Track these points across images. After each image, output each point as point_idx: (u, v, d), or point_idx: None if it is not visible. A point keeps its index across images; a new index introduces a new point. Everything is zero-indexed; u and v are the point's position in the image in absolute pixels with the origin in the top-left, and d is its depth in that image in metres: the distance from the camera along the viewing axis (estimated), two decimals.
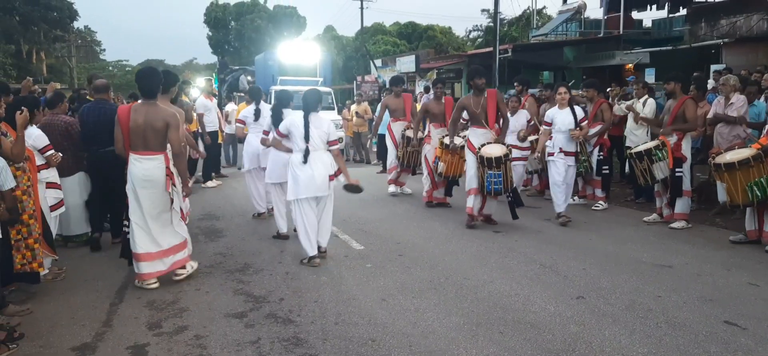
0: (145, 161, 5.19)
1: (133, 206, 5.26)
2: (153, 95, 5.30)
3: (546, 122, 8.10)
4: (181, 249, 5.49)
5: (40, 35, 44.26)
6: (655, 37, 23.12)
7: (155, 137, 5.19)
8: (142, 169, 5.18)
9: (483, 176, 7.23)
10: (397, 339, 4.08)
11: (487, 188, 7.20)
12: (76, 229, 6.72)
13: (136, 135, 5.16)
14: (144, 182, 5.20)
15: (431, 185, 9.04)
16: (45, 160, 5.64)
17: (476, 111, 7.42)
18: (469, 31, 46.33)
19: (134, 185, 5.20)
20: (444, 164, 8.42)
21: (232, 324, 4.42)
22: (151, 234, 5.26)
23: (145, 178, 5.19)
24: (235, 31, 50.38)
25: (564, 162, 7.81)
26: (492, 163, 7.12)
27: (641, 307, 4.65)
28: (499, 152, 7.18)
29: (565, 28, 26.91)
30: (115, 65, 58.87)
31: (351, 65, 41.03)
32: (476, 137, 7.42)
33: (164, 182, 5.22)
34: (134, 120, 5.14)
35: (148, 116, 5.16)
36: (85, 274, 5.75)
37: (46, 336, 4.28)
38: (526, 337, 4.10)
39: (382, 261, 6.05)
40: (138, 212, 5.24)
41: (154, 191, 5.23)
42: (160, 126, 5.18)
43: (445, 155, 8.39)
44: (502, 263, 5.91)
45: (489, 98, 7.42)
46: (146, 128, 5.15)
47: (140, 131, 5.15)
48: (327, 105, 16.06)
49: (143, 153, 5.19)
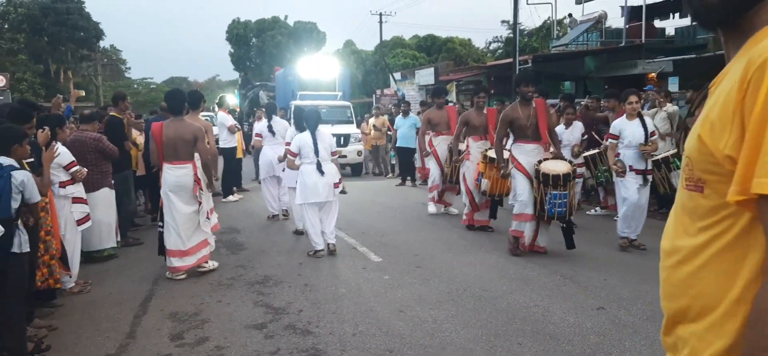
0: (176, 169, 6.01)
1: (166, 209, 6.05)
2: (180, 112, 6.19)
3: (613, 134, 6.91)
4: (204, 246, 6.25)
5: (68, 55, 45.27)
6: (678, 45, 22.87)
7: (185, 148, 6.03)
8: (174, 177, 6.00)
9: (542, 197, 6.29)
10: (415, 351, 4.10)
11: (549, 211, 6.26)
12: (99, 244, 6.84)
13: (168, 147, 6.00)
14: (176, 188, 6.02)
15: (471, 207, 8.12)
16: (70, 176, 5.77)
17: (525, 124, 6.53)
18: (488, 42, 46.30)
19: (167, 190, 6.01)
20: (489, 181, 7.57)
21: (253, 335, 4.48)
22: (180, 234, 6.04)
23: (176, 184, 6.02)
24: (256, 48, 51.05)
25: (635, 181, 6.74)
26: (557, 181, 6.21)
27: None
28: (563, 168, 6.32)
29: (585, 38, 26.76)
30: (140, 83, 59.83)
31: (370, 79, 41.23)
32: (525, 153, 6.53)
33: (193, 187, 6.04)
34: (166, 134, 5.99)
35: (178, 130, 6.02)
36: (109, 287, 5.87)
37: (72, 347, 4.37)
38: (545, 349, 4.09)
39: (400, 273, 6.08)
40: (170, 214, 6.04)
41: (184, 196, 6.04)
42: (189, 138, 6.03)
43: (489, 170, 7.53)
44: (521, 275, 5.89)
45: (538, 109, 6.57)
46: (177, 140, 5.99)
47: (171, 144, 5.98)
48: (346, 119, 16.14)
49: (175, 163, 6.01)
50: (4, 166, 4.01)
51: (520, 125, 6.58)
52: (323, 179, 6.79)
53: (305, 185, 6.85)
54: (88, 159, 6.44)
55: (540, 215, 6.39)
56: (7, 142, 4.16)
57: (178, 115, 6.16)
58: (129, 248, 7.48)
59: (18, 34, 40.87)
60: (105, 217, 6.80)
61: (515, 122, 6.60)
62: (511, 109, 6.71)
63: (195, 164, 6.09)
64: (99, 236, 6.77)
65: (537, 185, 6.31)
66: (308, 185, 6.82)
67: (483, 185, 7.64)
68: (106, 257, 6.86)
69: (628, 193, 6.71)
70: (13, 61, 37.32)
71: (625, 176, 6.72)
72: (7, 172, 3.95)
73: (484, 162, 7.66)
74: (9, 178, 3.93)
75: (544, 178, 6.24)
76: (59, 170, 5.66)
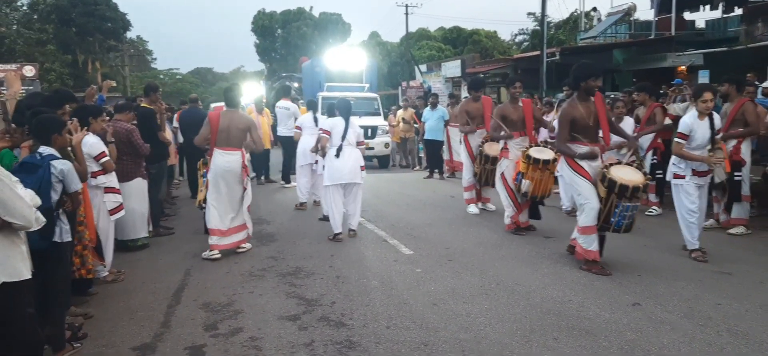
0: (227, 155, 6.54)
1: (212, 190, 6.56)
2: (236, 104, 6.83)
3: (682, 133, 6.13)
4: (243, 230, 6.79)
5: (95, 45, 45.83)
6: (709, 38, 22.44)
7: (237, 136, 6.60)
8: (225, 161, 6.52)
9: (611, 208, 5.63)
10: (449, 345, 4.08)
11: (617, 224, 5.66)
12: (133, 233, 6.91)
13: (222, 134, 6.53)
14: (224, 172, 6.53)
15: (515, 209, 7.48)
16: (100, 166, 5.80)
17: (588, 123, 5.79)
18: (514, 35, 45.93)
19: (216, 173, 6.52)
20: (530, 182, 7.01)
21: (286, 327, 4.49)
22: (222, 215, 6.56)
23: (225, 169, 6.52)
24: (281, 39, 51.15)
25: (696, 185, 6.21)
26: (635, 193, 5.53)
27: (700, 315, 4.53)
28: (639, 179, 5.62)
29: (614, 31, 26.39)
30: (166, 74, 60.46)
31: (396, 71, 41.10)
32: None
33: (241, 173, 6.61)
34: (222, 122, 6.54)
35: (233, 120, 6.61)
36: (142, 277, 5.93)
37: (108, 335, 4.43)
38: (581, 344, 4.04)
39: (432, 266, 6.05)
40: (215, 195, 6.55)
41: (230, 180, 6.57)
42: (243, 127, 6.65)
43: (532, 171, 6.98)
44: (554, 269, 5.83)
45: (598, 105, 5.88)
46: (231, 128, 6.55)
47: (225, 131, 6.53)
48: (373, 111, 16.11)
49: (226, 149, 6.54)
50: (44, 155, 4.05)
51: (582, 125, 5.78)
52: (348, 162, 7.25)
53: (331, 167, 7.30)
54: (121, 149, 6.50)
55: (603, 227, 5.76)
56: (47, 131, 4.18)
57: (234, 106, 6.78)
58: (160, 238, 7.56)
59: (47, 25, 41.48)
60: (139, 206, 6.87)
61: (578, 120, 5.77)
62: (571, 105, 5.86)
63: (243, 153, 6.68)
64: (133, 225, 6.85)
65: (606, 194, 5.60)
66: (334, 167, 7.26)
67: (524, 187, 7.06)
68: (139, 247, 6.94)
69: (690, 200, 6.15)
70: (42, 52, 37.86)
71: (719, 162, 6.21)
72: (47, 162, 3.98)
73: (526, 162, 7.01)
74: (49, 168, 3.96)
75: (621, 189, 5.50)
76: (90, 160, 5.70)
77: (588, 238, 5.71)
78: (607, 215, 5.65)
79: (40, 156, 4.04)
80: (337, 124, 7.33)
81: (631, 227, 5.79)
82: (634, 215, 5.69)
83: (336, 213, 7.31)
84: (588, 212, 5.67)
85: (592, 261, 5.72)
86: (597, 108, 5.84)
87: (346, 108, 7.41)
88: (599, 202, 5.65)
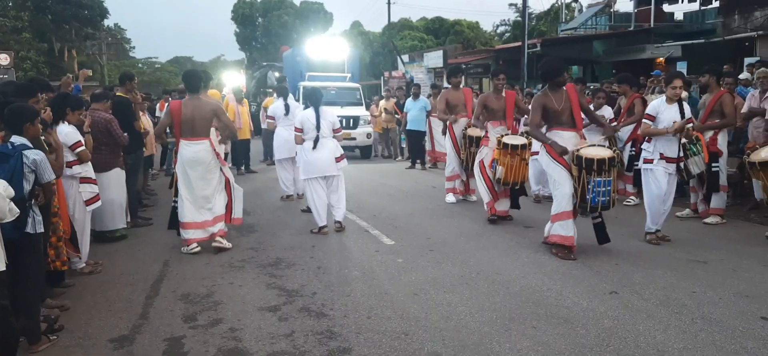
0: (193, 145, 6.25)
1: (182, 183, 6.30)
2: (198, 90, 6.42)
3: (649, 115, 6.48)
4: (219, 221, 6.42)
5: (72, 33, 45.06)
6: (687, 30, 22.73)
7: (202, 125, 6.28)
8: (192, 152, 6.25)
9: (585, 186, 5.76)
10: (430, 333, 4.10)
11: (592, 201, 5.76)
12: (111, 224, 6.83)
13: (186, 124, 6.23)
14: (192, 163, 6.26)
15: (491, 196, 7.53)
16: (76, 156, 5.71)
17: (559, 109, 5.98)
18: (496, 26, 46.06)
19: (185, 166, 6.26)
20: (503, 168, 7.16)
21: (266, 318, 4.47)
22: (195, 207, 6.29)
23: (193, 160, 6.25)
24: (262, 28, 50.77)
25: (665, 171, 6.38)
26: (601, 166, 5.68)
27: (676, 303, 4.60)
28: (606, 152, 5.82)
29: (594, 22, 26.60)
30: (145, 62, 59.73)
31: (378, 61, 41.03)
32: (562, 142, 5.92)
33: (209, 162, 6.31)
34: (185, 112, 6.21)
35: (197, 108, 6.26)
36: (120, 268, 5.87)
37: (85, 328, 4.38)
38: (559, 332, 4.08)
39: (413, 256, 6.07)
40: (185, 188, 6.29)
41: (200, 170, 6.27)
42: (207, 115, 6.30)
43: (504, 156, 7.14)
44: (534, 259, 5.88)
45: (570, 94, 6.08)
46: (195, 117, 6.23)
47: (189, 121, 6.22)
48: (355, 101, 16.06)
49: (191, 139, 6.25)
50: (15, 145, 3.97)
51: (554, 112, 5.98)
52: (322, 154, 7.10)
53: (306, 161, 7.19)
54: (99, 139, 6.41)
55: (581, 207, 5.92)
56: (19, 120, 4.10)
57: (195, 93, 6.39)
58: (138, 229, 7.49)
59: (22, 13, 40.64)
60: (117, 197, 6.79)
61: (548, 107, 5.97)
62: (542, 95, 6.09)
63: (212, 141, 6.38)
64: (111, 216, 6.76)
65: (578, 173, 5.77)
66: (308, 160, 7.15)
67: (498, 172, 7.21)
68: (117, 238, 6.86)
69: (657, 184, 6.33)
70: (17, 40, 37.15)
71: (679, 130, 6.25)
72: (18, 151, 3.91)
73: (498, 148, 7.22)
74: (20, 157, 3.88)
75: (588, 163, 5.68)
76: (65, 150, 5.61)
77: (564, 224, 5.84)
78: (582, 193, 5.80)
79: (12, 146, 3.96)
80: (309, 117, 7.15)
81: (609, 205, 5.86)
82: (609, 190, 5.77)
83: (319, 206, 7.16)
84: (560, 198, 5.85)
85: (565, 248, 5.86)
86: (569, 96, 6.05)
87: (315, 98, 7.25)
88: (572, 187, 5.81)
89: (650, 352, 3.75)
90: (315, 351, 3.86)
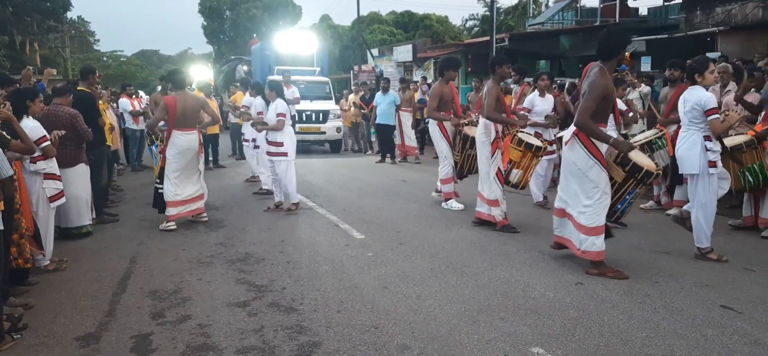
0: (186, 135, 7.12)
1: (171, 166, 7.08)
2: (184, 87, 7.40)
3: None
4: (200, 200, 7.43)
5: (34, 26, 43.84)
6: (651, 25, 23.10)
7: (193, 117, 7.22)
8: (185, 141, 7.11)
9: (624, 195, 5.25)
10: (399, 326, 4.13)
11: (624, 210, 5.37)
12: (76, 220, 6.71)
13: (180, 117, 7.05)
14: (185, 150, 7.12)
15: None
16: (41, 151, 5.60)
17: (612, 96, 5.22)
18: (465, 20, 46.30)
19: (176, 151, 7.07)
20: (520, 171, 6.77)
21: (235, 313, 4.45)
22: (179, 186, 7.14)
23: (187, 147, 7.12)
24: (230, 21, 50.08)
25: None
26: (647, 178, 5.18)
27: (639, 292, 4.71)
28: (651, 164, 5.36)
29: (561, 17, 26.91)
30: (110, 56, 58.41)
31: (348, 55, 40.86)
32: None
33: (197, 150, 7.28)
34: (179, 106, 7.03)
35: (187, 102, 7.18)
36: (86, 265, 5.77)
37: (49, 326, 4.30)
38: (526, 322, 4.15)
39: (383, 250, 6.09)
40: (175, 171, 7.09)
41: (188, 156, 7.19)
42: (196, 108, 7.28)
43: (524, 158, 6.75)
44: (502, 251, 5.95)
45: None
46: (187, 110, 7.10)
47: (182, 114, 7.07)
48: (324, 95, 16.02)
49: (184, 130, 7.10)
50: None
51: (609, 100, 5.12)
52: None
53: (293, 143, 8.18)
54: (64, 135, 6.27)
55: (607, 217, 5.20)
56: None
57: (182, 89, 7.35)
58: (104, 226, 7.37)
59: None
60: (82, 193, 6.67)
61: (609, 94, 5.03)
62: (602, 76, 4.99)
63: (199, 131, 7.38)
64: (77, 212, 6.65)
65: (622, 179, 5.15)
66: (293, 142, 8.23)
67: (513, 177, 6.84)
68: (83, 235, 6.74)
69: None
70: None
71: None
72: None
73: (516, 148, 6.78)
74: None
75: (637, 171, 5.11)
76: None
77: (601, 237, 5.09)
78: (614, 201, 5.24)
79: None
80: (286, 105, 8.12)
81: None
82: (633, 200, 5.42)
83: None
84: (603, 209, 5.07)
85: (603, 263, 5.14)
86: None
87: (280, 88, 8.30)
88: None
89: (614, 341, 3.84)
90: (284, 346, 3.86)
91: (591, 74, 5.03)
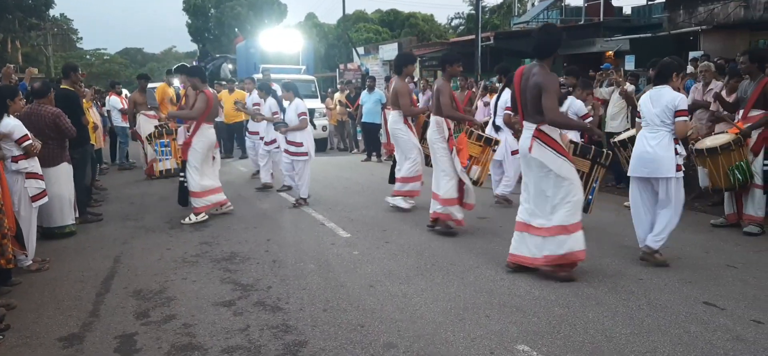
0: (211, 128, 7.60)
1: (196, 157, 7.42)
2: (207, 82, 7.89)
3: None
4: (220, 191, 7.78)
5: (15, 24, 43.33)
6: (635, 24, 23.33)
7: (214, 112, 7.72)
8: (211, 134, 7.58)
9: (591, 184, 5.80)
10: (385, 325, 4.13)
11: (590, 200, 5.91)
12: (59, 220, 6.64)
13: (214, 110, 7.60)
14: (212, 143, 7.58)
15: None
16: (22, 150, 5.54)
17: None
18: (450, 18, 46.46)
19: (208, 146, 7.52)
20: (479, 168, 7.02)
21: (221, 313, 4.43)
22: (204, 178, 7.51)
23: (212, 140, 7.59)
24: (215, 19, 49.81)
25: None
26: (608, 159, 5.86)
27: (623, 290, 4.74)
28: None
29: (545, 16, 27.05)
30: (93, 54, 57.99)
31: (333, 53, 40.84)
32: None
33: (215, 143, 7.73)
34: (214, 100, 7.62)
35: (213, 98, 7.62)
36: (69, 265, 5.72)
37: (32, 327, 4.25)
38: (511, 320, 4.17)
39: (369, 248, 6.09)
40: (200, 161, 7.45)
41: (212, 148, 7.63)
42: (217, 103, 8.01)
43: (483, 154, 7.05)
44: (487, 249, 5.97)
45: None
46: (215, 105, 7.71)
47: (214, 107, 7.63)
48: (310, 93, 15.97)
49: (210, 123, 7.59)
50: None
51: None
52: None
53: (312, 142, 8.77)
54: (47, 133, 6.22)
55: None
56: None
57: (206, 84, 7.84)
58: (88, 225, 7.31)
59: None
60: (65, 192, 6.61)
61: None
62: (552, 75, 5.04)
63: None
64: (60, 211, 6.58)
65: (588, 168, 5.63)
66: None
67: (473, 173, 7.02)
68: (66, 234, 6.68)
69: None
70: None
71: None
72: None
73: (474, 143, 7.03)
74: None
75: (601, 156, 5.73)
76: (11, 144, 5.44)
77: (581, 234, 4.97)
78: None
79: None
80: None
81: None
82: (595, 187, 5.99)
83: None
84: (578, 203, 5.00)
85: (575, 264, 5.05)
86: None
87: None
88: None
89: (599, 338, 3.87)
90: (270, 345, 3.85)
91: (534, 74, 4.93)
